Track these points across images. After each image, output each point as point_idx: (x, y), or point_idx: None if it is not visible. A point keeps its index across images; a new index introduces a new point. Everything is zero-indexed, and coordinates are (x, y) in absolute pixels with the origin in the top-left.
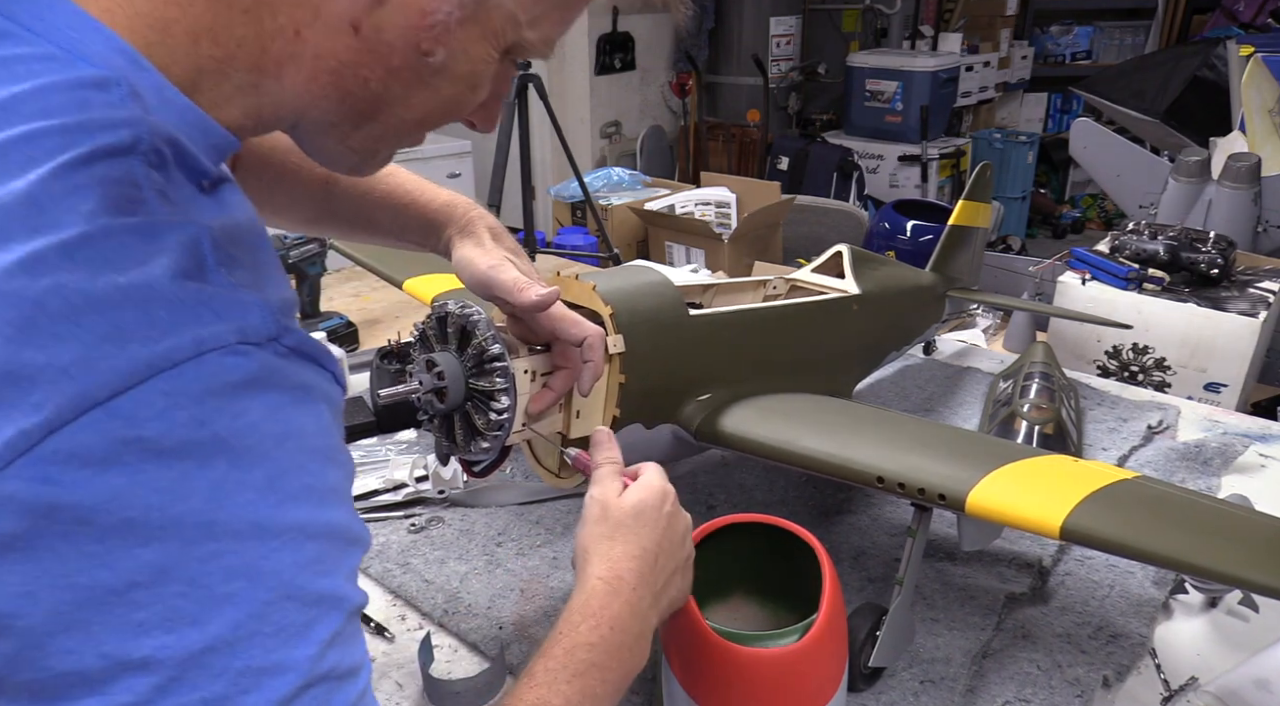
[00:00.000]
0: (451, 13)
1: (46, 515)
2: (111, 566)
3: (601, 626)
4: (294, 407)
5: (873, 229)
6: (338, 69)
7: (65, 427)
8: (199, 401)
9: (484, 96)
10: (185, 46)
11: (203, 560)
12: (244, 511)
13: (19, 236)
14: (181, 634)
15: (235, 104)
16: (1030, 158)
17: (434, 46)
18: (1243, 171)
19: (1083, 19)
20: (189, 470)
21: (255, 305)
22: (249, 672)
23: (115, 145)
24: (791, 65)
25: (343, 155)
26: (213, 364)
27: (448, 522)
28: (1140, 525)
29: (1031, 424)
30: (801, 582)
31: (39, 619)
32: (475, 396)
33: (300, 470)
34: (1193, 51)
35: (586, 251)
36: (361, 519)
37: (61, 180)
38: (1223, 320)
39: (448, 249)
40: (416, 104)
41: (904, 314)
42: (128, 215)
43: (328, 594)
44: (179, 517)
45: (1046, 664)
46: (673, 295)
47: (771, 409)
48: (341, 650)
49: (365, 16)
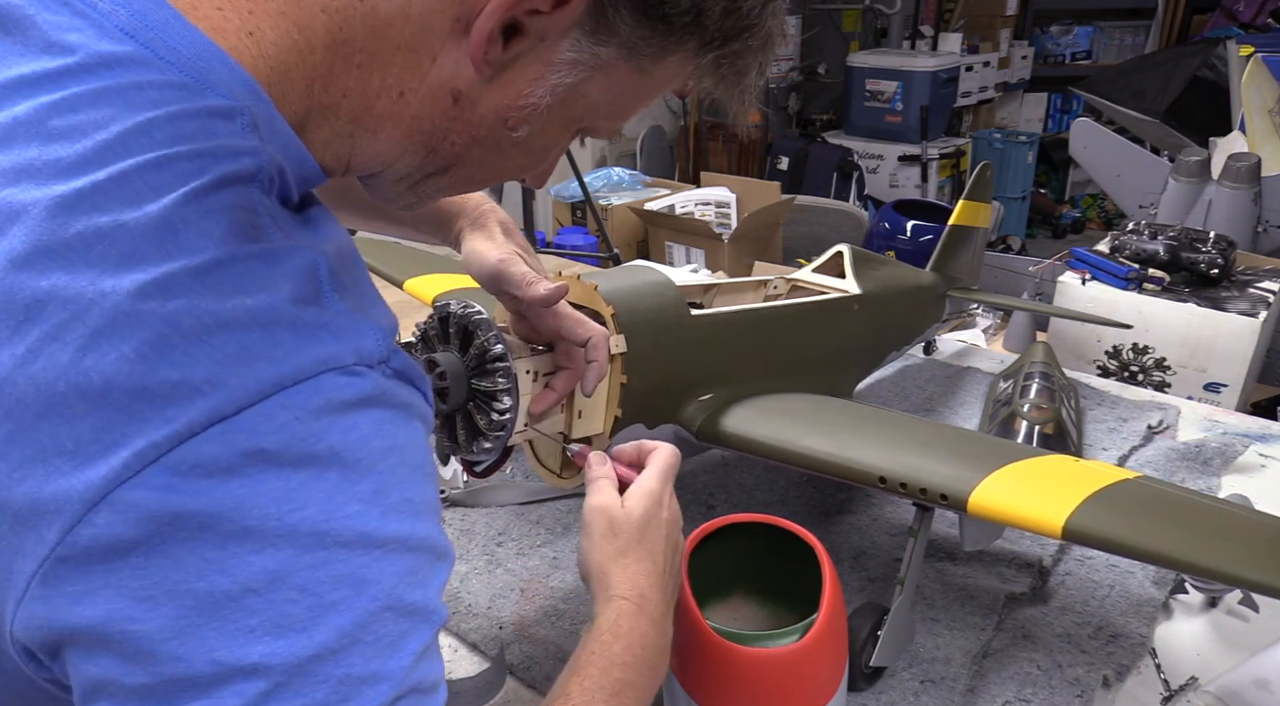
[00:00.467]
0: (544, 98)
1: (170, 523)
2: (229, 573)
3: (634, 646)
4: (396, 425)
5: (873, 229)
6: (430, 131)
7: (192, 440)
8: (316, 417)
9: (546, 166)
10: (299, 90)
11: (313, 568)
12: (353, 522)
13: (152, 259)
14: (290, 641)
15: (330, 149)
16: (1030, 158)
17: (520, 124)
18: (1243, 171)
19: (1083, 19)
20: (305, 480)
21: (369, 329)
22: (349, 681)
23: (240, 172)
24: (791, 65)
25: (403, 196)
26: (330, 382)
27: (448, 522)
28: (1142, 525)
29: (1032, 424)
30: (801, 582)
31: (156, 624)
32: (477, 396)
33: (402, 484)
34: (1193, 51)
35: (586, 251)
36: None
37: (193, 205)
38: (1223, 320)
39: (458, 240)
40: (489, 167)
41: (904, 314)
42: (253, 242)
43: (421, 606)
44: (294, 526)
45: (1046, 664)
46: (674, 295)
47: (773, 409)
48: (429, 663)
49: (467, 89)
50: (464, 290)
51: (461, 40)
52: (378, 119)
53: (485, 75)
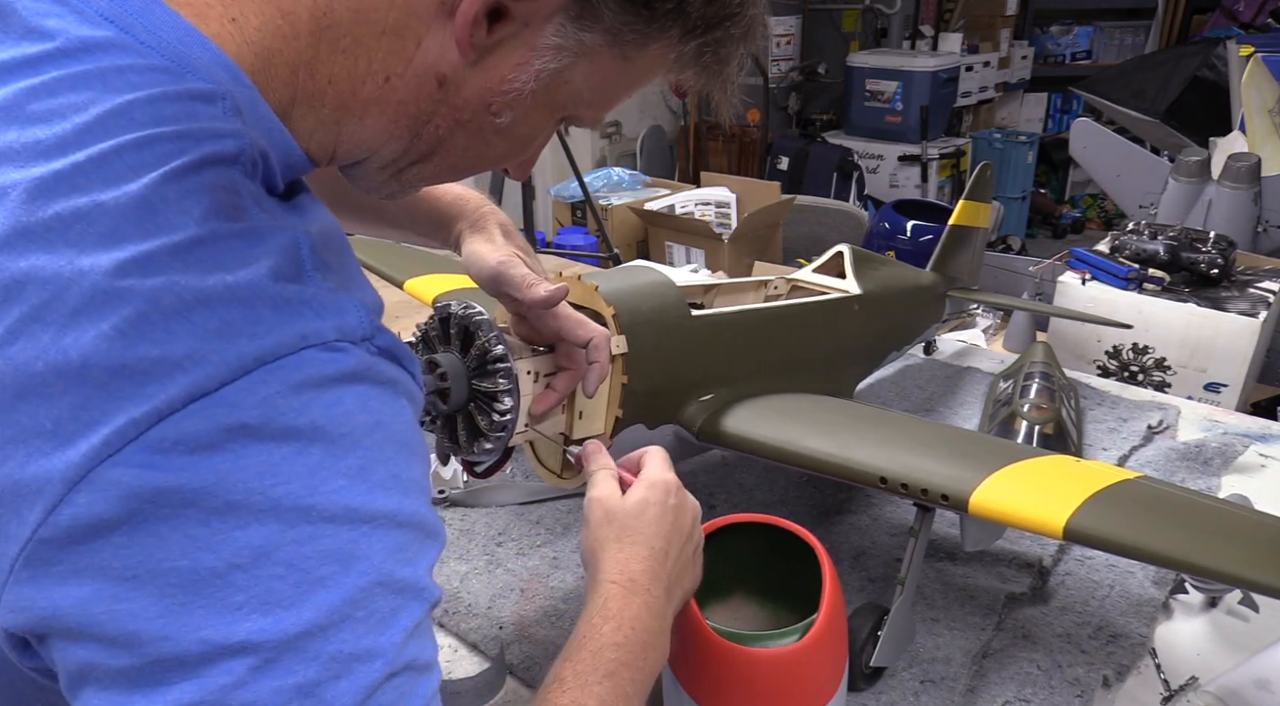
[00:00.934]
0: (528, 83)
1: (152, 500)
2: (214, 549)
3: (624, 627)
4: (382, 401)
5: (873, 229)
6: (416, 116)
7: (172, 416)
8: (298, 391)
9: (529, 155)
10: (284, 77)
11: (299, 543)
12: (338, 496)
13: (131, 238)
14: (278, 617)
15: (316, 137)
16: (1030, 158)
17: (503, 109)
18: (1243, 171)
19: (1083, 19)
20: (288, 455)
21: (353, 306)
22: (341, 658)
23: (222, 154)
24: (791, 65)
25: (386, 185)
26: (312, 357)
27: (448, 522)
28: (1142, 525)
29: (1032, 424)
30: (801, 582)
31: (140, 603)
32: (478, 397)
33: (389, 460)
34: (1193, 51)
35: (586, 251)
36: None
37: (173, 185)
38: (1223, 320)
39: (458, 243)
40: (472, 154)
41: (904, 314)
42: (234, 221)
43: (412, 582)
44: (278, 500)
45: (1046, 664)
46: (675, 296)
47: (773, 409)
48: (421, 642)
49: (451, 73)
50: (464, 290)
51: (446, 24)
52: (363, 105)
53: (470, 59)
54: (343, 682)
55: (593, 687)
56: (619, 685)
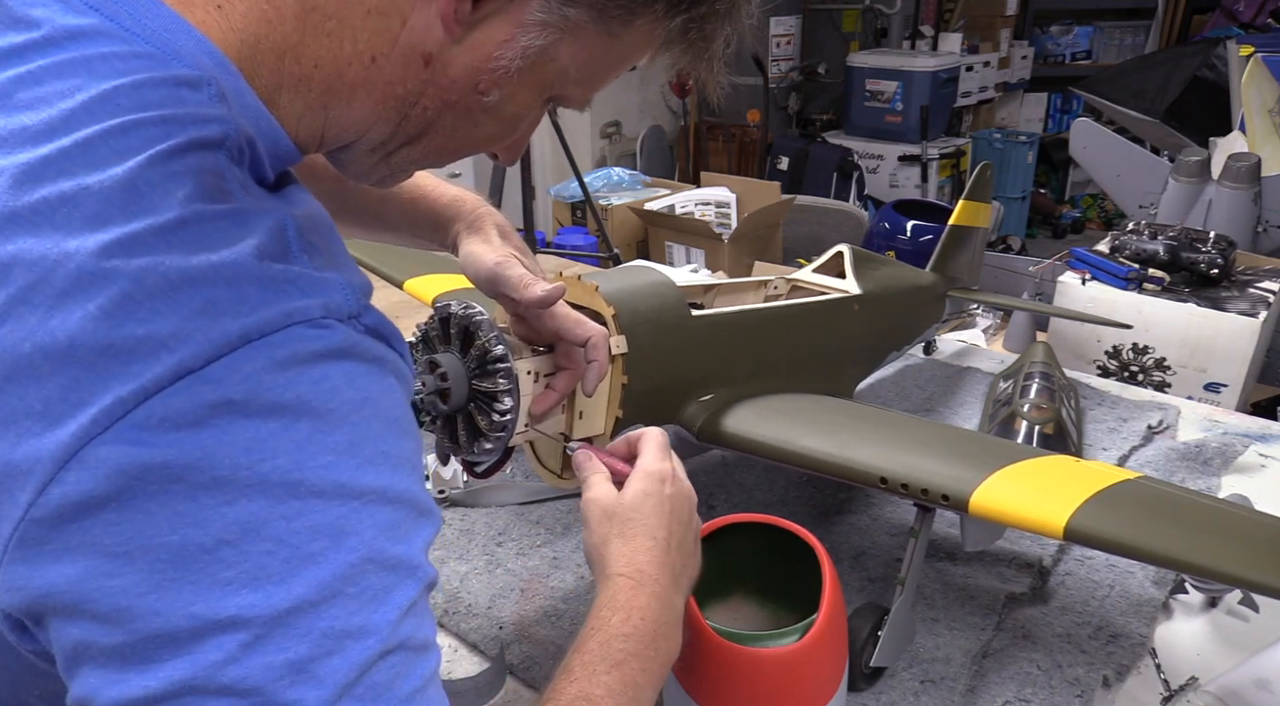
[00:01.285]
0: (514, 60)
1: (140, 476)
2: (202, 524)
3: (633, 617)
4: (369, 378)
5: (873, 229)
6: (403, 96)
7: (159, 394)
8: (284, 367)
9: (518, 137)
10: (270, 62)
11: (288, 518)
12: (326, 472)
13: (116, 219)
14: (268, 593)
15: (304, 123)
16: (1030, 158)
17: (490, 88)
18: (1243, 171)
19: (1083, 19)
20: (275, 430)
21: (339, 284)
22: (332, 634)
23: (207, 138)
24: (791, 65)
25: (376, 170)
26: (298, 334)
27: (448, 522)
28: (1143, 525)
29: (1032, 424)
30: (801, 582)
31: (131, 579)
32: (478, 397)
33: (378, 437)
34: (1193, 51)
35: (586, 251)
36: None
37: (158, 168)
38: (1223, 320)
39: (455, 244)
40: (460, 135)
41: (904, 314)
42: (218, 202)
43: (405, 560)
44: (265, 475)
45: (1046, 664)
46: (675, 296)
47: (773, 409)
48: (416, 621)
49: (438, 52)
50: (464, 291)
51: (431, 1)
52: (350, 87)
53: (456, 36)
54: (335, 659)
55: (600, 677)
56: (627, 674)
